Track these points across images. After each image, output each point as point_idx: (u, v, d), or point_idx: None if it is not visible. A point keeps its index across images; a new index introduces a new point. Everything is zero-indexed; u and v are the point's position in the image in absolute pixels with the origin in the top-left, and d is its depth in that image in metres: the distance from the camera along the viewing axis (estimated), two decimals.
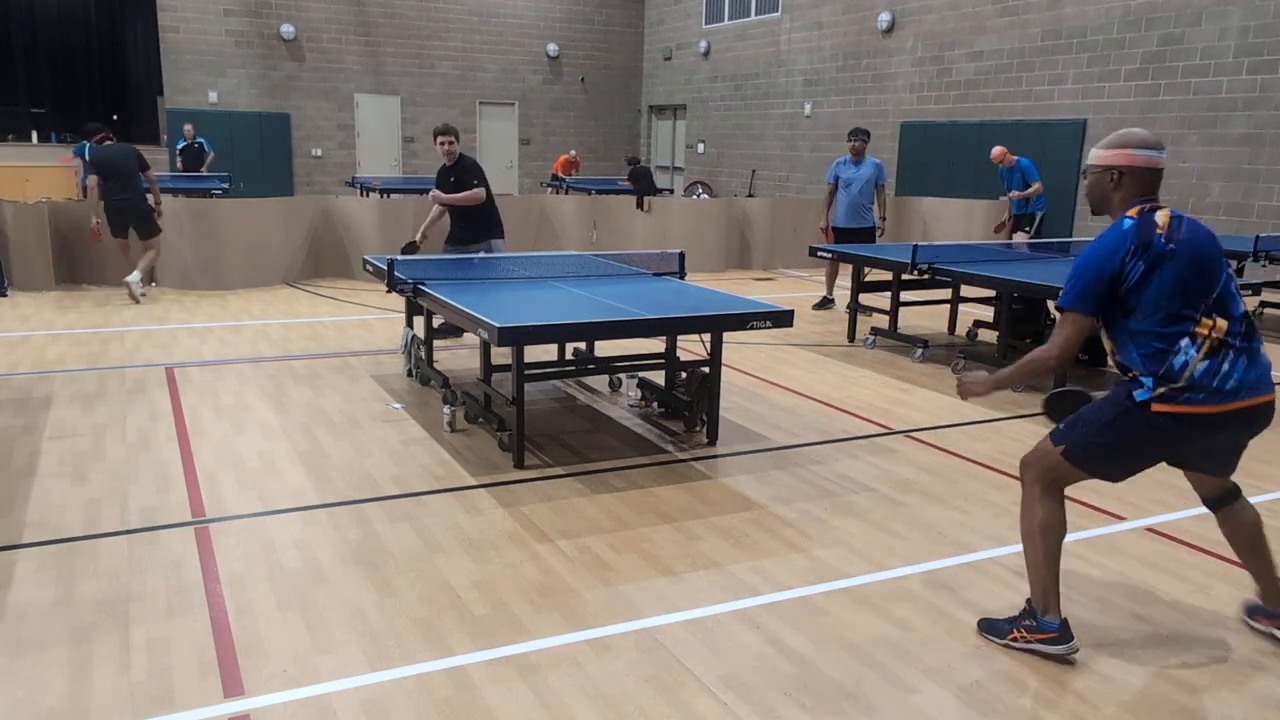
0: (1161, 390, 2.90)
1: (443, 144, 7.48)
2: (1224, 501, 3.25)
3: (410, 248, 7.70)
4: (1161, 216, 2.96)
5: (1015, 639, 3.19)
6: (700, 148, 21.01)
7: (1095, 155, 3.07)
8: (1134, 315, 2.94)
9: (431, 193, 7.74)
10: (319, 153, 19.74)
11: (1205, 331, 2.89)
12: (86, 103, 19.29)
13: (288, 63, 19.26)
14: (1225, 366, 2.89)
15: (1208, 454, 3.10)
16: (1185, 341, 2.89)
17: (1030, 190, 11.26)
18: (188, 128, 16.09)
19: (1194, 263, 2.91)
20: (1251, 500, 3.28)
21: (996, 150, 11.32)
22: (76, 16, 18.86)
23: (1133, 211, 2.98)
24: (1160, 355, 2.91)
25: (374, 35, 19.90)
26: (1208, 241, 2.98)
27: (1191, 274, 2.91)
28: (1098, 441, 3.03)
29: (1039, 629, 3.14)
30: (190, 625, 3.24)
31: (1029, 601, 3.21)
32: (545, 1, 21.39)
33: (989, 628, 3.30)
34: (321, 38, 19.45)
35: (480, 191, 7.52)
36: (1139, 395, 2.93)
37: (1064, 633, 3.11)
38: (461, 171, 7.57)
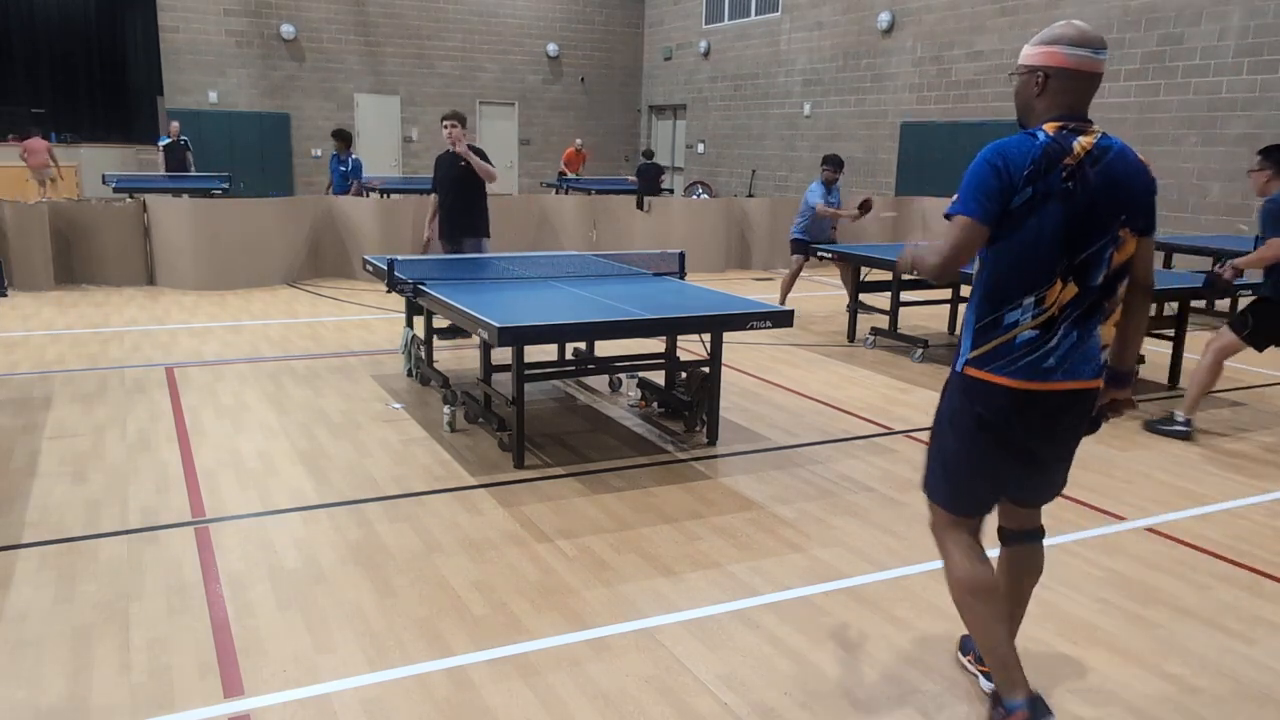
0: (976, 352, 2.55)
1: (447, 127, 7.41)
2: (1022, 539, 2.85)
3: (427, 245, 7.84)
4: (1082, 143, 2.43)
5: None
6: (700, 148, 21.00)
7: (1023, 53, 2.53)
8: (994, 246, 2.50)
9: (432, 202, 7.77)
10: (319, 153, 19.72)
11: (1053, 296, 2.46)
12: (86, 103, 19.30)
13: (288, 63, 19.25)
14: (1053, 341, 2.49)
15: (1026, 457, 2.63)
16: (1029, 300, 2.48)
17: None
18: (174, 125, 15.96)
19: (1090, 207, 2.42)
20: (1253, 500, 3.27)
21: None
22: (76, 16, 18.86)
23: (1051, 127, 2.45)
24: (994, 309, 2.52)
25: (374, 35, 19.89)
26: (1126, 180, 2.45)
27: (1078, 223, 2.42)
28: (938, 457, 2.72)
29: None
30: (190, 625, 3.24)
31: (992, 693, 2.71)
32: (545, 1, 21.38)
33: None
34: (321, 38, 19.45)
35: (494, 171, 7.58)
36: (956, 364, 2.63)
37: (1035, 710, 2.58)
38: (475, 154, 7.57)
